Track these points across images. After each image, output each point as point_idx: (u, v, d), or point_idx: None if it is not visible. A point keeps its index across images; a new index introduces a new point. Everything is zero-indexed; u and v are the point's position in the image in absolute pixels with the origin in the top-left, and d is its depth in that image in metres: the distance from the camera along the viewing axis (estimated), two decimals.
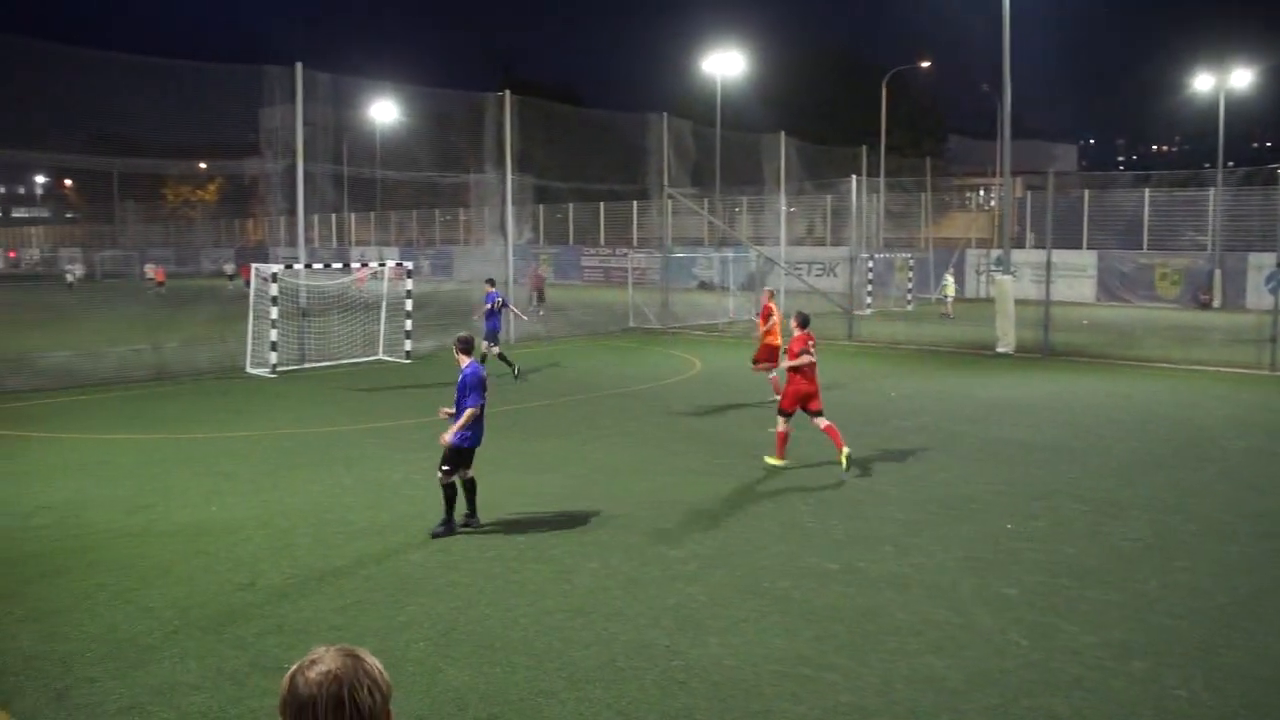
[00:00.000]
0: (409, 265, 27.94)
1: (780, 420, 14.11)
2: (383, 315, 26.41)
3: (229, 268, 61.20)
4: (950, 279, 42.76)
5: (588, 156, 47.43)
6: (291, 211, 26.15)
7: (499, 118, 30.37)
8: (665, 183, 36.13)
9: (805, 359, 13.83)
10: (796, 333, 14.21)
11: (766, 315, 20.00)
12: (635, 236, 61.93)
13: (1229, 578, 9.63)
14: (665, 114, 36.52)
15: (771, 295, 21.11)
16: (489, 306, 22.79)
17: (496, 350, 22.33)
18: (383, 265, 27.96)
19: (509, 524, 11.24)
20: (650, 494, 12.62)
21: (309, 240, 28.73)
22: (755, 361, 19.93)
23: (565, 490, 12.77)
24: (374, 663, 2.54)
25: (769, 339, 19.60)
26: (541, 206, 60.92)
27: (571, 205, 64.08)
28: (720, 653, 7.81)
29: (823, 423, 13.98)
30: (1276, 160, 31.71)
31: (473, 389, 11.14)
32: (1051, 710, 6.93)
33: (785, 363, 14.29)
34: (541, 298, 39.53)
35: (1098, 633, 8.23)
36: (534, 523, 11.30)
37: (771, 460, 14.07)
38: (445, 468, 10.98)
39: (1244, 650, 7.95)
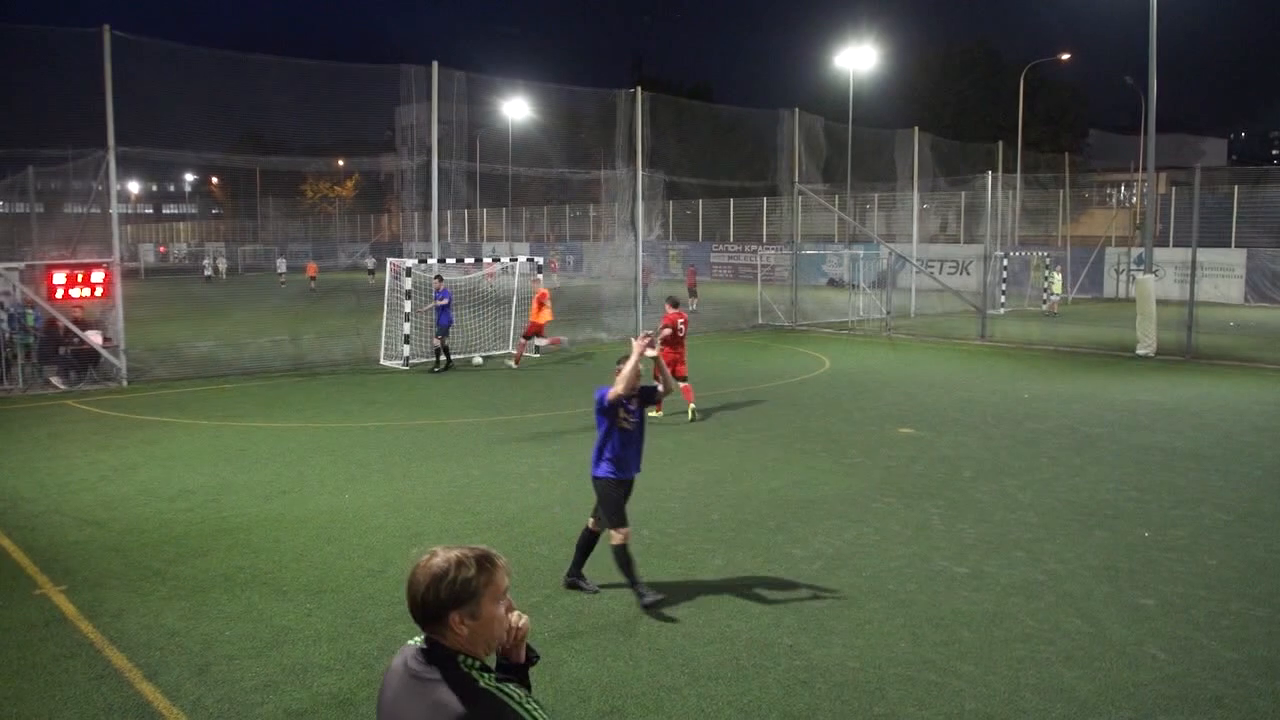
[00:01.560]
0: (539, 261, 28.26)
1: (533, 338, 20.33)
2: (513, 310, 26.79)
3: (369, 262, 62.58)
4: (1057, 276, 41.85)
5: (718, 152, 47.42)
6: (426, 207, 26.72)
7: (630, 114, 30.51)
8: (795, 179, 35.88)
9: (666, 332, 17.14)
10: (669, 311, 17.73)
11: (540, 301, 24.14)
12: (765, 233, 61.64)
13: (1250, 576, 9.18)
14: (796, 109, 36.24)
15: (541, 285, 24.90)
16: (442, 302, 23.20)
17: (442, 342, 23.38)
18: (514, 261, 28.33)
19: (636, 520, 11.27)
20: (777, 492, 12.55)
21: (442, 235, 29.23)
22: (525, 336, 24.49)
23: (692, 487, 12.78)
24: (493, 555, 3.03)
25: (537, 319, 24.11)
26: (671, 203, 61.08)
27: (701, 201, 64.07)
28: (844, 654, 7.73)
29: (683, 384, 17.43)
30: None
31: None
32: None
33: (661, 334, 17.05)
34: (694, 294, 41.54)
35: (1240, 649, 7.91)
36: (661, 518, 11.32)
37: (653, 413, 16.54)
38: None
39: None
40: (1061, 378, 22.86)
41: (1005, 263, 41.63)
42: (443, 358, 23.28)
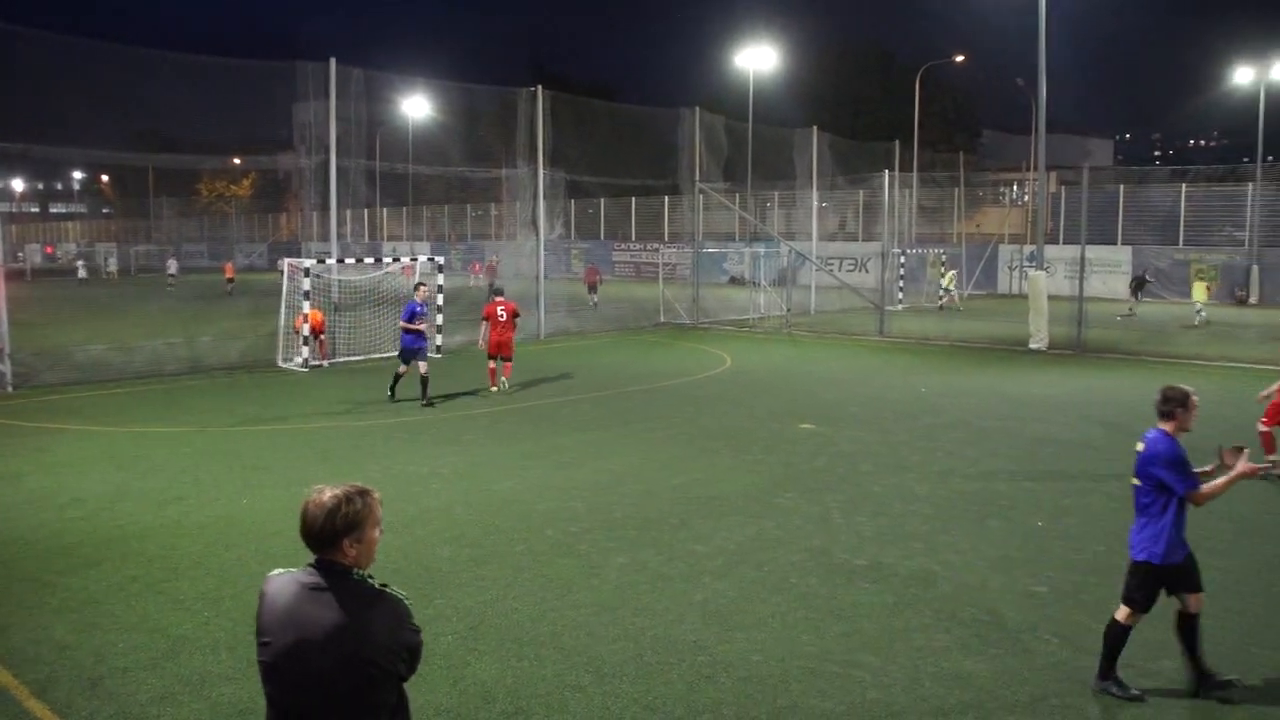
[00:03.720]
0: (440, 260, 28.00)
1: (490, 361, 20.07)
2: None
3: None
4: (951, 273, 42.90)
5: (620, 151, 47.50)
6: (324, 206, 26.30)
7: (531, 113, 30.41)
8: (697, 178, 36.10)
9: (490, 321, 19.55)
10: (493, 300, 19.88)
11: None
12: (667, 231, 61.88)
13: (1264, 576, 9.54)
14: (697, 109, 36.46)
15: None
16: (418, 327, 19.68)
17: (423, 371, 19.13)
18: (413, 260, 28.06)
19: (538, 519, 11.27)
20: (679, 489, 12.62)
21: (341, 235, 28.82)
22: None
23: (595, 486, 12.78)
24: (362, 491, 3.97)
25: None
26: (573, 201, 61.06)
27: (603, 200, 64.13)
28: (747, 649, 7.80)
29: (507, 366, 19.98)
30: None
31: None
32: (1081, 710, 6.88)
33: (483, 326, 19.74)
34: (594, 290, 41.90)
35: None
36: (564, 517, 11.31)
37: (492, 389, 19.76)
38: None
39: (1277, 651, 7.87)
40: (957, 372, 23.33)
41: (903, 260, 42.40)
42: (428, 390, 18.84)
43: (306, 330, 23.02)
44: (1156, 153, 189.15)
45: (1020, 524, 11.20)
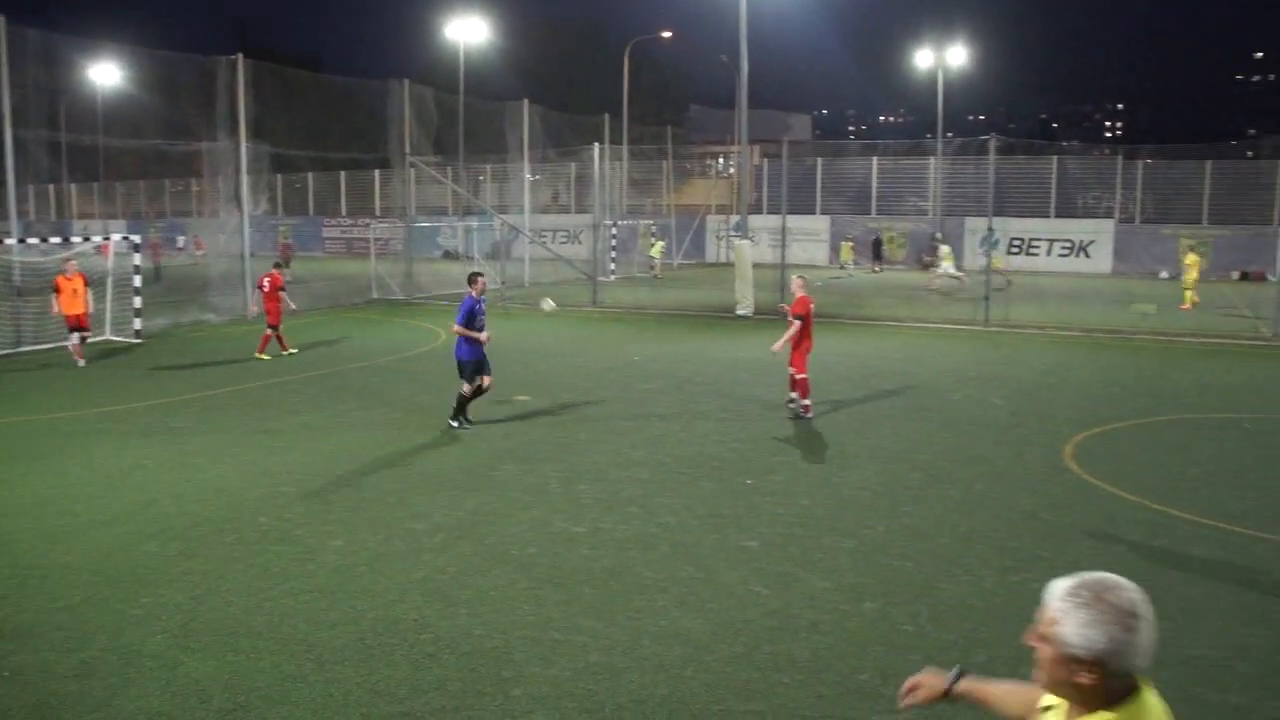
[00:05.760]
0: (136, 239, 26.36)
1: (269, 330, 21.31)
2: (109, 292, 24.86)
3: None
4: (659, 243, 44.26)
5: (328, 124, 46.02)
6: (0, 182, 24.24)
7: (232, 83, 29.00)
8: (407, 151, 35.47)
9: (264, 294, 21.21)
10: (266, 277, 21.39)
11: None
12: (378, 206, 60.51)
13: (949, 519, 10.27)
14: (406, 81, 35.78)
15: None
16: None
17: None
18: (107, 240, 26.33)
19: (250, 507, 10.82)
20: (396, 467, 12.41)
21: (23, 213, 26.71)
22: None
23: (308, 469, 12.38)
24: None
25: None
26: (280, 176, 58.79)
27: (311, 175, 62.11)
28: (469, 623, 7.76)
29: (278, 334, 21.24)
30: (989, 132, 34.17)
31: None
32: (791, 654, 7.22)
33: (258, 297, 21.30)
34: (286, 264, 39.14)
35: (832, 578, 8.62)
36: (278, 503, 10.91)
37: (261, 355, 20.82)
38: None
39: (964, 585, 8.50)
40: (668, 339, 23.96)
41: (614, 231, 43.09)
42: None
43: None
44: (851, 128, 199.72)
45: (730, 483, 11.63)
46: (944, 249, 38.41)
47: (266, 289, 21.64)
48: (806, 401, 15.31)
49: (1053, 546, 9.45)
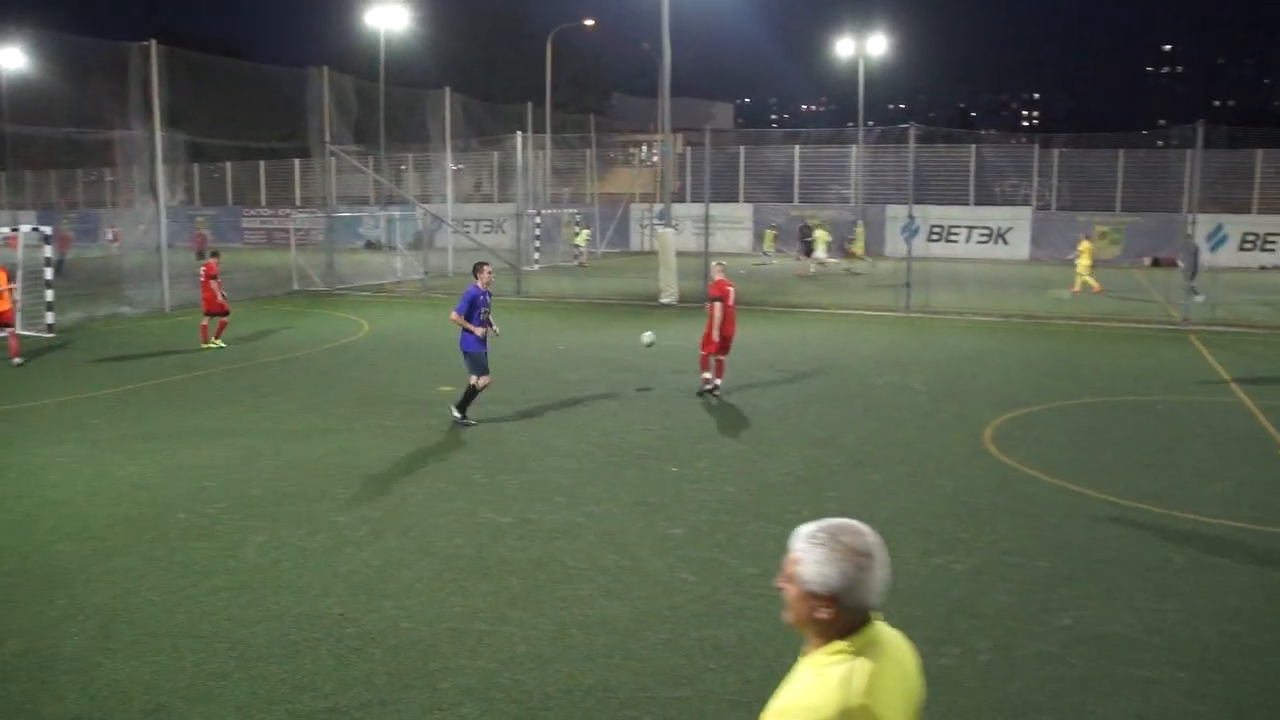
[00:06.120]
0: (47, 230, 25.68)
1: (212, 318, 21.20)
2: (18, 285, 24.17)
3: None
4: (584, 231, 44.35)
5: (246, 112, 45.17)
6: None
7: (145, 70, 28.34)
8: (327, 139, 34.97)
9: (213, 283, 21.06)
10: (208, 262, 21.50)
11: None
12: (299, 196, 59.66)
13: (872, 502, 10.39)
14: (326, 68, 35.26)
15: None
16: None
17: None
18: (15, 231, 25.64)
19: (169, 503, 10.62)
20: (319, 460, 12.26)
21: None
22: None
23: (228, 463, 12.18)
24: None
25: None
26: (197, 166, 57.69)
27: (229, 164, 61.03)
28: (396, 616, 7.70)
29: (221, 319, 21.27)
30: (909, 120, 34.63)
31: None
32: (718, 640, 7.26)
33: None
34: (200, 256, 38.43)
35: (758, 563, 8.68)
36: (197, 499, 10.72)
37: (209, 346, 20.82)
38: None
39: None
40: (592, 329, 23.95)
41: (538, 221, 42.92)
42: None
43: None
44: (773, 116, 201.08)
45: (656, 471, 11.66)
46: (819, 233, 39.49)
47: (203, 277, 21.61)
48: (708, 375, 15.87)
49: (973, 528, 9.59)
